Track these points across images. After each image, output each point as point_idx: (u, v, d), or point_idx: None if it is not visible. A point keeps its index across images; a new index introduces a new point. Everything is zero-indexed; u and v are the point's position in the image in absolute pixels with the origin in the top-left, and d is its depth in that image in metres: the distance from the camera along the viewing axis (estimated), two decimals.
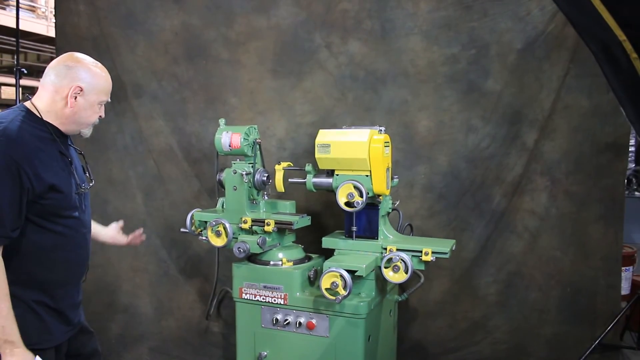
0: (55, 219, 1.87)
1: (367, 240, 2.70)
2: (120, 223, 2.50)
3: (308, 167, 2.76)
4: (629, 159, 7.21)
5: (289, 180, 2.89)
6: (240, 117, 3.54)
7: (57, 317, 1.94)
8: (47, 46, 14.52)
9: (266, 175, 2.88)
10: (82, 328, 2.13)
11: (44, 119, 1.88)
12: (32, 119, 1.86)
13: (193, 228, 2.95)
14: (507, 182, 3.25)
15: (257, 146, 2.87)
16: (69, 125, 1.94)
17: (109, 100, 2.03)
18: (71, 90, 1.87)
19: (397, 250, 2.55)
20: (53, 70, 1.91)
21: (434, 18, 3.22)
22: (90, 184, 2.11)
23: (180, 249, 3.75)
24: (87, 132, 2.02)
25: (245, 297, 2.76)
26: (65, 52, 4.30)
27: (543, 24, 3.09)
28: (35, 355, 1.79)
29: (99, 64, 1.99)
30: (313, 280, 2.76)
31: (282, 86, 3.49)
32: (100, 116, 2.01)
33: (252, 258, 2.85)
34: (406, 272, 2.47)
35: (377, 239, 2.69)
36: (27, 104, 1.92)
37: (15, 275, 1.80)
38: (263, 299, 2.72)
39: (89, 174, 2.12)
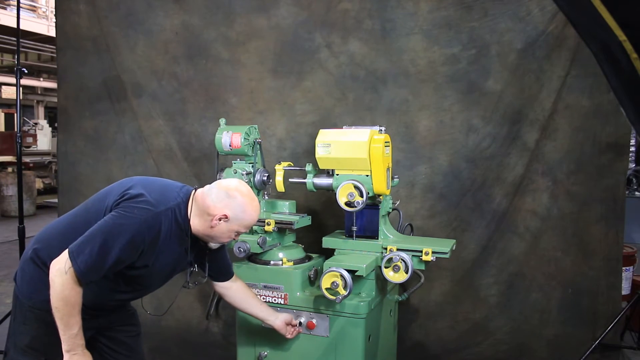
0: (125, 278, 2.03)
1: (368, 240, 2.69)
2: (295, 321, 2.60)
3: (308, 167, 2.76)
4: (630, 159, 7.21)
5: (289, 180, 2.89)
6: (240, 116, 3.54)
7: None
8: (47, 46, 14.54)
9: (266, 175, 2.88)
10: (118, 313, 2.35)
11: (189, 217, 2.02)
12: (180, 213, 2.00)
13: None
14: (508, 182, 3.24)
15: (258, 146, 2.87)
16: (203, 235, 2.07)
17: (246, 232, 2.15)
18: (219, 215, 1.99)
19: (398, 250, 2.54)
20: (216, 189, 2.03)
21: (435, 18, 3.21)
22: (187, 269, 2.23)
23: None
24: (214, 245, 2.14)
25: None
26: (65, 52, 4.28)
27: (543, 24, 3.08)
28: None
29: (255, 202, 2.06)
30: (313, 280, 2.76)
31: (282, 86, 3.48)
32: (233, 239, 2.15)
33: (252, 258, 2.85)
34: (406, 272, 2.46)
35: (378, 238, 2.69)
36: (193, 193, 2.06)
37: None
38: (263, 298, 2.71)
39: (193, 265, 2.25)
